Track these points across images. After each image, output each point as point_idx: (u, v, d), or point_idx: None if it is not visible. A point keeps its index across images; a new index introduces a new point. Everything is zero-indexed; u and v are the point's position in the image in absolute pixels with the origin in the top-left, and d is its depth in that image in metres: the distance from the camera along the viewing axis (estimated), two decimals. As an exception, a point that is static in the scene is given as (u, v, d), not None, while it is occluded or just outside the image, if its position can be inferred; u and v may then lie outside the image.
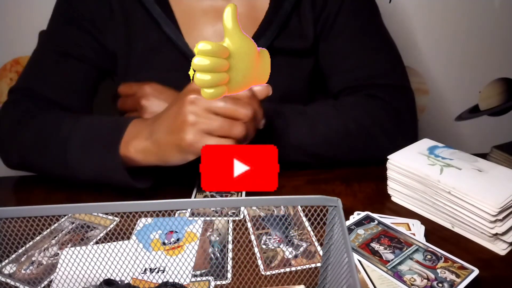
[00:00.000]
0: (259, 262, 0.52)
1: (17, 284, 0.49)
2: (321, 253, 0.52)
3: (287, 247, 0.54)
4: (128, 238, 0.55)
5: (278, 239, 0.55)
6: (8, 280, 0.49)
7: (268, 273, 0.50)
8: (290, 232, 0.56)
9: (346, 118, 0.70)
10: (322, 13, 0.75)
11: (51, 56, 0.73)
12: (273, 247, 0.54)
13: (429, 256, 0.50)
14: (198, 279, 0.49)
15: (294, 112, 0.69)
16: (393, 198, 0.64)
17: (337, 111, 0.71)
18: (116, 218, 0.59)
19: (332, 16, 0.75)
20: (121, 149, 0.57)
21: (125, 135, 0.57)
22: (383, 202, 0.64)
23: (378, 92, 0.74)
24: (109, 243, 0.54)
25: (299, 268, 0.51)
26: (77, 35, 0.72)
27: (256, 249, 0.53)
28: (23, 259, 0.52)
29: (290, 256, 0.52)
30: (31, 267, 0.51)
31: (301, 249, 0.53)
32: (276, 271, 0.50)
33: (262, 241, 0.55)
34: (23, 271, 0.50)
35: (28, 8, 1.02)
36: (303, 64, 0.77)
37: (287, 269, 0.50)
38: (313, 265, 0.51)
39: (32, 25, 1.03)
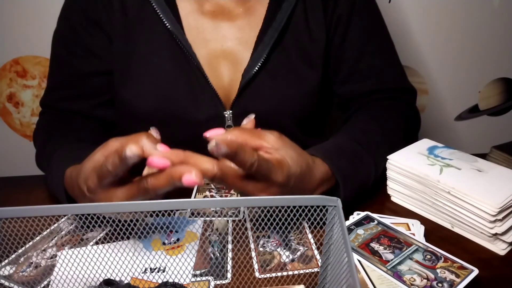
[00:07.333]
0: (256, 266, 0.51)
1: (15, 286, 0.48)
2: (318, 257, 0.52)
3: (284, 250, 0.54)
4: (128, 238, 0.55)
5: (276, 242, 0.55)
6: (6, 282, 0.49)
7: (265, 275, 0.50)
8: (288, 235, 0.56)
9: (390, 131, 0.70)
10: (334, 14, 0.72)
11: (68, 69, 0.73)
12: (270, 250, 0.54)
13: (428, 256, 0.50)
14: (198, 279, 0.49)
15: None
16: (392, 198, 0.64)
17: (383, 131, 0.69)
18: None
19: (345, 18, 0.72)
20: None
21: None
22: (383, 202, 0.64)
23: (400, 95, 0.77)
24: (108, 243, 0.54)
25: (296, 272, 0.50)
26: (89, 43, 0.71)
27: (253, 253, 0.53)
28: (21, 260, 0.52)
29: (287, 260, 0.52)
30: (28, 269, 0.51)
31: (298, 253, 0.53)
32: (273, 274, 0.50)
33: (260, 244, 0.55)
34: (20, 273, 0.50)
35: (28, 8, 1.02)
36: (310, 76, 0.72)
37: (284, 273, 0.50)
38: (309, 270, 0.50)
39: (32, 25, 1.03)
